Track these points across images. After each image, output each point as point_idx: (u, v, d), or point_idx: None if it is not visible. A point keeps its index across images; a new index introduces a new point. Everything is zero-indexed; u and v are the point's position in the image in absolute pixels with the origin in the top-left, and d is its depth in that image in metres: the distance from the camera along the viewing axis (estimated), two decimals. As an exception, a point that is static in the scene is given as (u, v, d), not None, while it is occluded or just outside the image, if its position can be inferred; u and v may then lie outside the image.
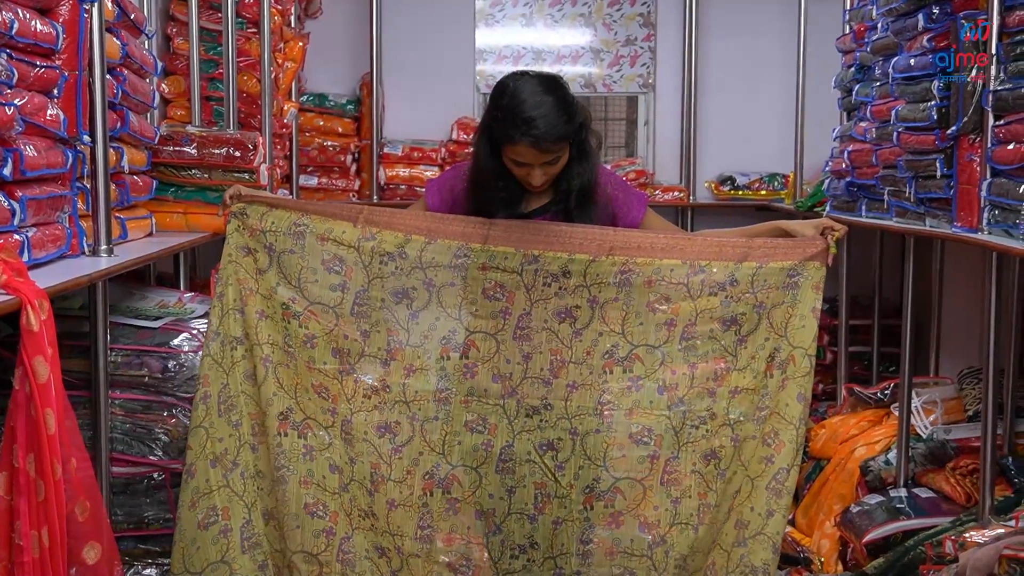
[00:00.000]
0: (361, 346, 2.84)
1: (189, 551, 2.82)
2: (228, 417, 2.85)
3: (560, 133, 2.72)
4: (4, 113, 2.38)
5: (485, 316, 2.83)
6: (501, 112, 2.74)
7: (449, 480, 2.83)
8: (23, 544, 2.14)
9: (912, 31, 4.03)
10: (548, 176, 2.82)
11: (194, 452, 2.83)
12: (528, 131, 2.68)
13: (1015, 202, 3.26)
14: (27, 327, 2.14)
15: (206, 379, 2.85)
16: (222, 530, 2.83)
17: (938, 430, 4.26)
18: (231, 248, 2.85)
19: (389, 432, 2.84)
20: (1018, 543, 3.00)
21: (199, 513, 2.82)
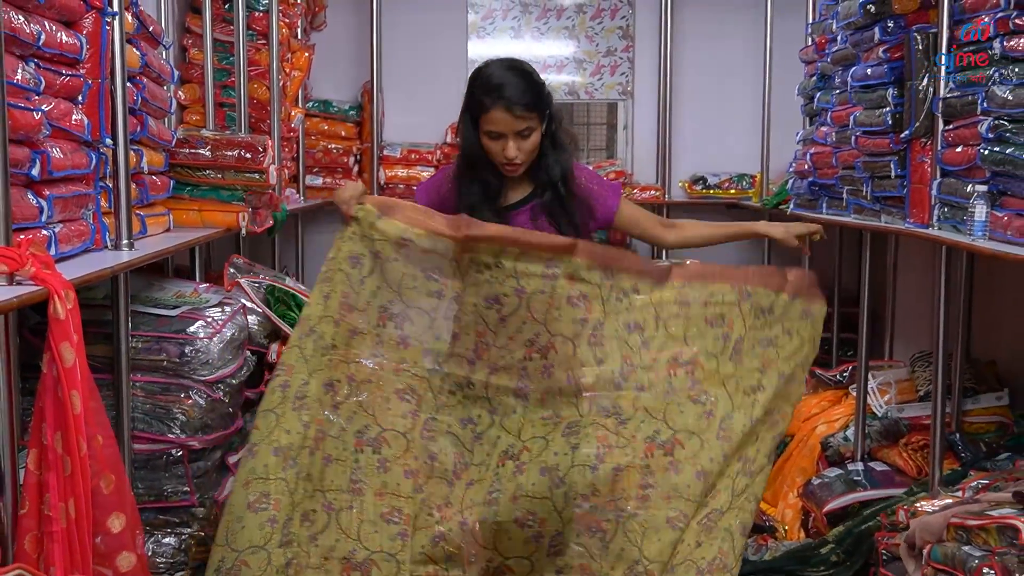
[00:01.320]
0: (451, 348, 2.74)
1: (234, 528, 2.68)
2: (300, 415, 2.70)
3: (528, 100, 2.83)
4: (32, 118, 2.37)
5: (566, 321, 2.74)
6: (475, 88, 2.88)
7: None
8: (52, 515, 2.14)
9: (869, 43, 4.04)
10: (522, 152, 2.86)
11: (260, 433, 2.70)
12: (499, 96, 2.81)
13: (963, 200, 3.27)
14: (54, 315, 2.13)
15: (290, 369, 2.71)
16: (270, 519, 2.68)
17: (892, 409, 4.27)
18: (342, 256, 2.71)
19: (471, 423, 2.74)
20: (965, 512, 3.01)
21: (251, 494, 2.68)
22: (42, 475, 2.16)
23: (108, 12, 2.82)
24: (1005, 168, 3.00)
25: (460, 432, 2.74)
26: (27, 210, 2.39)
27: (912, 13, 3.76)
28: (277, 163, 4.51)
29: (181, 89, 4.43)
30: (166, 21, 4.16)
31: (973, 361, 4.28)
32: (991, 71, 3.16)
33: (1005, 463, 3.73)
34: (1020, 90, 2.95)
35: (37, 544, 2.15)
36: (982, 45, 3.26)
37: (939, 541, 2.97)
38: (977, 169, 3.19)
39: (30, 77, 2.40)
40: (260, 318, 3.84)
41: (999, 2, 3.13)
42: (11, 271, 2.14)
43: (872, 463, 4.21)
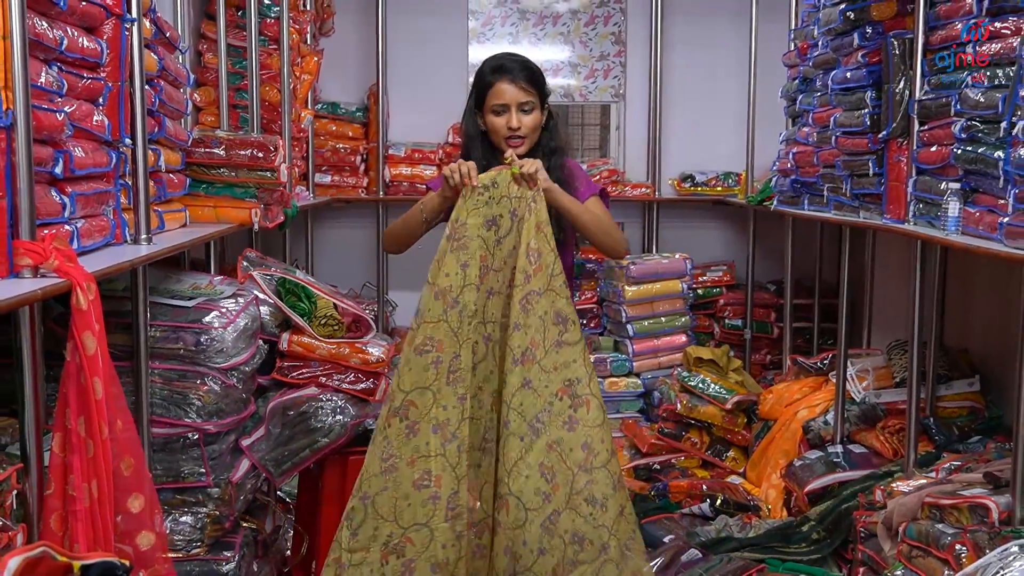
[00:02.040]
0: (463, 278, 2.80)
1: (401, 505, 2.73)
2: (455, 388, 2.73)
3: (529, 76, 2.97)
4: (55, 119, 2.37)
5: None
6: (480, 73, 3.02)
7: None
8: (76, 495, 2.14)
9: (848, 48, 4.04)
10: (524, 126, 2.95)
11: (419, 411, 2.72)
12: (503, 70, 2.97)
13: (937, 197, 3.27)
14: (77, 306, 2.13)
15: (440, 344, 2.73)
16: (432, 496, 2.73)
17: (870, 395, 4.28)
18: (478, 222, 2.75)
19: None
20: (938, 491, 3.02)
21: (416, 472, 2.73)
22: (66, 457, 2.16)
23: (127, 18, 2.81)
24: (977, 167, 3.00)
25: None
26: (51, 206, 2.38)
27: (889, 19, 3.77)
28: (288, 162, 4.51)
29: (197, 92, 4.42)
30: (182, 27, 4.15)
31: (946, 349, 4.28)
32: (964, 74, 3.16)
33: (976, 445, 3.74)
34: (991, 93, 2.95)
35: (62, 522, 2.15)
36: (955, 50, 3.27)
37: (914, 519, 2.98)
38: (951, 167, 3.20)
39: (53, 80, 2.40)
40: (271, 308, 3.84)
41: (972, 9, 3.13)
42: (36, 264, 2.14)
43: (851, 445, 4.22)
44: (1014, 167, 2.65)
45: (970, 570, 2.42)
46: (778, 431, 4.64)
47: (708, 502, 4.36)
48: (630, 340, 5.72)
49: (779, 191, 5.14)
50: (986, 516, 2.74)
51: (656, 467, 4.94)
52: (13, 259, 2.13)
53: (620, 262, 5.67)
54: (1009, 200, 2.72)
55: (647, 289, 5.75)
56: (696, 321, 6.12)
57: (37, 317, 2.17)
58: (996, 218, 2.81)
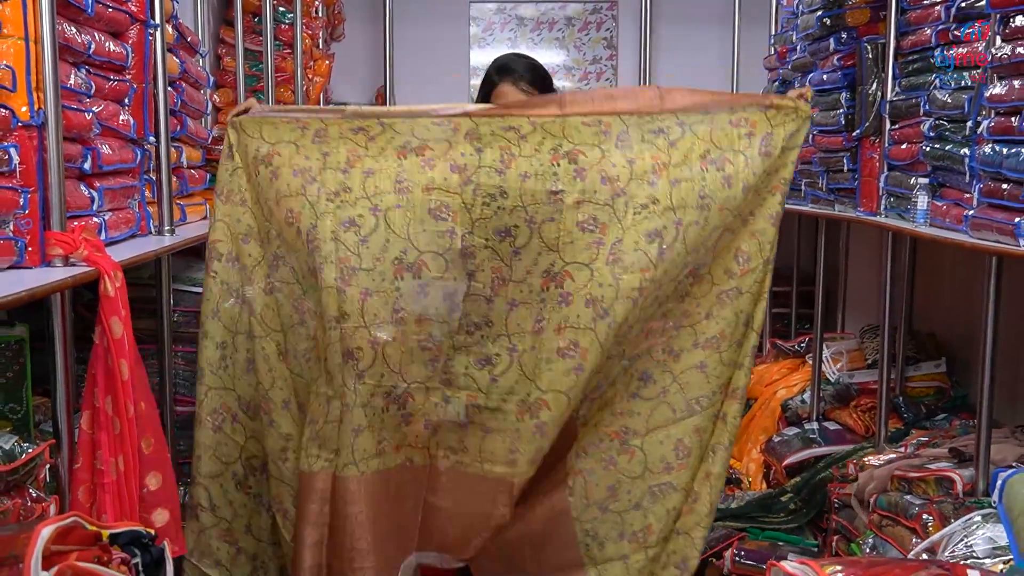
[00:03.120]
0: (315, 280, 2.49)
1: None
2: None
3: (532, 77, 2.90)
4: (84, 118, 2.37)
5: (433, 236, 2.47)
6: (488, 73, 2.96)
7: (404, 398, 2.54)
8: (103, 469, 2.15)
9: (825, 52, 4.03)
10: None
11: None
12: (507, 72, 2.90)
13: (907, 191, 3.27)
14: (105, 293, 2.14)
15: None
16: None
17: (843, 375, 4.28)
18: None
19: (352, 359, 2.48)
20: (907, 465, 3.02)
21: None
22: (94, 434, 2.16)
23: (151, 24, 2.81)
24: (944, 163, 3.00)
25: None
26: (80, 200, 2.38)
27: (863, 26, 3.76)
28: (301, 158, 4.50)
29: (216, 93, 4.41)
30: (202, 32, 4.15)
31: (915, 333, 4.28)
32: (932, 77, 3.16)
33: (942, 423, 3.74)
34: (958, 94, 2.95)
35: (90, 494, 2.16)
36: (924, 54, 3.26)
37: (884, 491, 2.98)
38: (920, 164, 3.19)
39: (82, 82, 2.39)
40: (287, 295, 3.85)
41: (940, 15, 3.13)
42: (66, 254, 2.14)
43: (826, 423, 4.22)
44: (979, 163, 2.65)
45: (936, 538, 2.43)
46: (758, 409, 4.65)
47: (693, 475, 4.37)
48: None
49: (760, 186, 5.13)
50: (951, 488, 2.74)
51: (645, 443, 4.94)
52: (45, 249, 2.13)
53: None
54: (974, 194, 2.71)
55: (636, 277, 5.74)
56: (682, 307, 6.11)
57: (68, 303, 2.17)
58: (962, 211, 2.81)
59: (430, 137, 2.49)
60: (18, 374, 2.26)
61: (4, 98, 2.03)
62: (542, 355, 2.48)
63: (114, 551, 1.74)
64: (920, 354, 4.17)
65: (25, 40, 2.08)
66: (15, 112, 2.04)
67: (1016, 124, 2.42)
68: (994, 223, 2.53)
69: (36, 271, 2.09)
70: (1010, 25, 2.49)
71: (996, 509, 2.34)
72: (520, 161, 2.45)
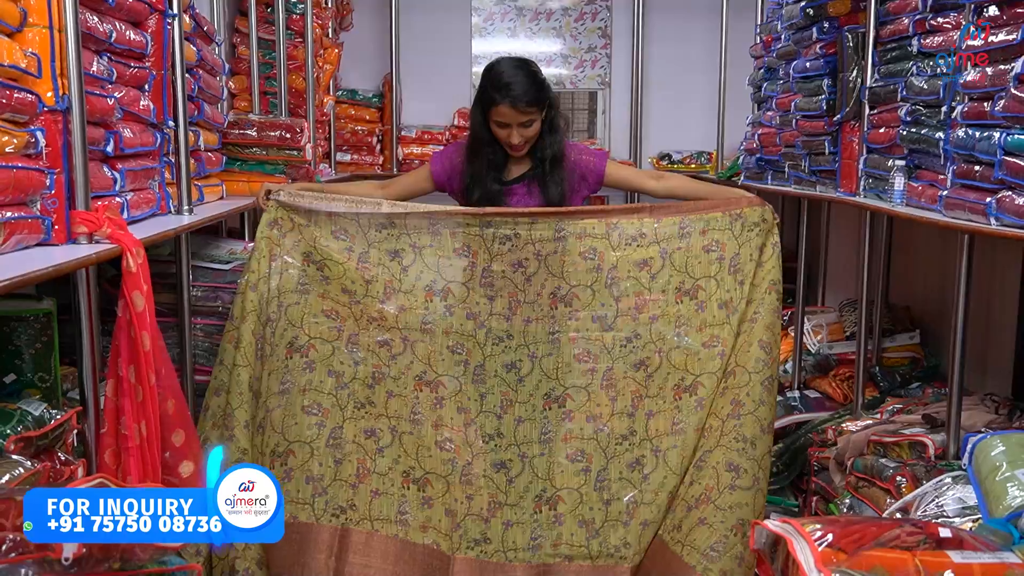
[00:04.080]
0: (365, 289, 2.75)
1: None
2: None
3: (531, 97, 2.77)
4: (106, 103, 2.36)
5: (457, 269, 2.75)
6: (487, 84, 2.82)
7: (436, 383, 2.75)
8: (127, 434, 2.15)
9: (808, 41, 4.01)
10: (524, 138, 2.81)
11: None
12: (507, 93, 2.75)
13: (884, 173, 3.26)
14: (127, 268, 2.13)
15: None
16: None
17: (823, 346, 4.29)
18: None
19: (387, 346, 2.76)
20: (882, 430, 3.03)
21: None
22: (118, 401, 2.17)
23: (169, 14, 2.79)
24: (920, 146, 2.99)
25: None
26: (103, 181, 2.38)
27: (844, 15, 3.74)
28: (312, 142, 4.49)
29: (231, 80, 4.39)
30: (218, 22, 4.12)
31: (891, 306, 4.29)
32: (910, 64, 3.14)
33: (916, 391, 3.75)
34: (933, 80, 2.93)
35: (115, 458, 2.16)
36: (902, 42, 3.25)
37: (861, 455, 2.99)
38: (897, 147, 3.19)
39: (104, 69, 2.38)
40: (299, 271, 3.85)
41: (917, 6, 3.11)
42: (91, 232, 2.14)
43: (807, 391, 4.23)
44: (952, 146, 2.64)
45: (909, 498, 2.44)
46: (743, 378, 4.65)
47: (681, 440, 4.38)
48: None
49: (746, 168, 5.12)
50: (924, 452, 2.75)
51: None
52: (71, 227, 2.13)
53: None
54: (948, 176, 2.71)
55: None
56: (672, 282, 6.12)
57: (93, 278, 2.17)
58: (936, 191, 2.80)
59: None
60: (46, 345, 2.26)
61: (30, 84, 2.02)
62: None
63: (138, 510, 1.74)
64: (896, 326, 4.18)
65: (50, 29, 2.07)
66: (41, 97, 2.03)
67: (988, 109, 2.41)
68: (966, 203, 2.53)
69: (62, 248, 2.09)
70: (984, 14, 2.48)
71: (966, 472, 2.35)
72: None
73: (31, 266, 1.83)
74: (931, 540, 1.80)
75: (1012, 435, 2.33)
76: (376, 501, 2.74)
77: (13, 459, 1.94)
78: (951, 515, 2.25)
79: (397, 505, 2.74)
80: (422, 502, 2.74)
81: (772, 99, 4.58)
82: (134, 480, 2.12)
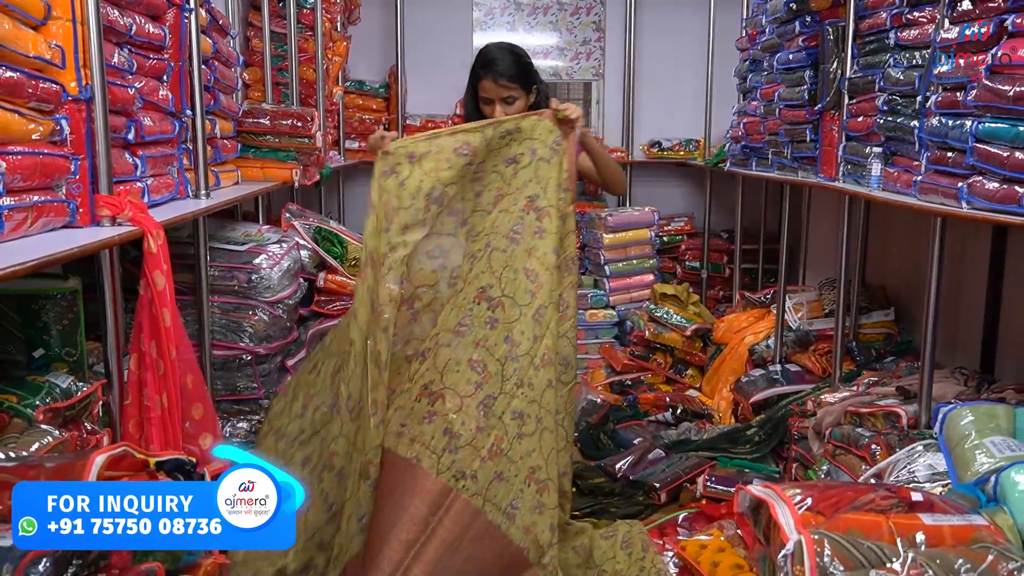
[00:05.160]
0: (475, 203, 2.68)
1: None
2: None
3: (512, 73, 2.80)
4: (127, 93, 2.35)
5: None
6: (475, 61, 2.86)
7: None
8: (150, 405, 2.16)
9: (791, 34, 3.99)
10: (507, 115, 2.78)
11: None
12: (489, 68, 2.80)
13: (862, 159, 3.25)
14: (148, 249, 2.13)
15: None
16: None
17: (804, 323, 4.30)
18: (497, 160, 2.64)
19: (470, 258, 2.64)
20: (858, 402, 3.04)
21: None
22: (141, 374, 2.17)
23: (186, 8, 2.78)
24: (896, 134, 2.98)
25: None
26: (125, 167, 2.37)
27: (826, 10, 3.72)
28: (322, 130, 4.47)
29: (246, 71, 4.37)
30: (233, 16, 4.10)
31: (867, 286, 4.29)
32: (887, 56, 3.13)
33: (890, 365, 3.76)
34: (909, 71, 2.92)
35: (138, 427, 2.17)
36: (880, 36, 3.23)
37: (838, 424, 3.00)
38: (874, 135, 3.18)
39: (124, 60, 2.37)
40: (310, 252, 3.84)
41: (894, 0, 3.09)
42: (113, 215, 2.14)
43: (788, 365, 4.25)
44: (927, 134, 2.63)
45: (883, 465, 2.45)
46: (728, 353, 4.67)
47: (670, 411, 4.40)
48: (607, 279, 5.72)
49: (731, 155, 5.11)
50: (897, 422, 2.76)
51: (628, 383, 4.97)
52: (95, 210, 2.13)
53: (599, 213, 5.71)
54: (922, 162, 2.70)
55: (622, 236, 5.74)
56: (662, 263, 6.11)
57: (116, 259, 2.17)
58: (911, 177, 2.80)
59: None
60: (73, 321, 2.26)
61: (55, 74, 2.01)
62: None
63: (160, 476, 1.75)
64: (872, 304, 4.18)
65: (73, 22, 2.06)
66: (65, 87, 2.02)
67: (961, 99, 2.40)
68: (939, 187, 2.52)
69: (86, 230, 2.08)
70: (957, 8, 2.47)
71: (936, 440, 2.36)
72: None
73: (57, 247, 1.83)
74: (904, 504, 1.81)
75: (980, 406, 2.33)
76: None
77: (42, 428, 1.95)
78: (922, 480, 2.25)
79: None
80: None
81: (757, 89, 4.56)
82: (156, 448, 2.13)
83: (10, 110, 1.83)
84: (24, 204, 1.88)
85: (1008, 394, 2.87)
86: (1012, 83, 2.17)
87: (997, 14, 2.32)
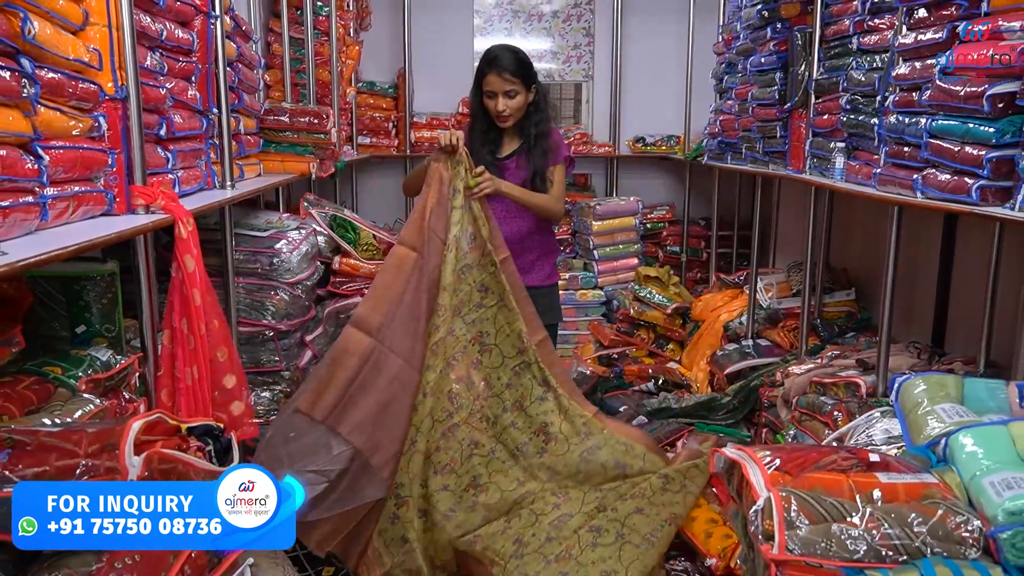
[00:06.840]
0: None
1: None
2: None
3: (514, 68, 2.80)
4: (159, 93, 2.34)
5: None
6: (481, 60, 2.86)
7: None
8: (180, 376, 2.16)
9: (763, 39, 3.97)
10: (509, 108, 2.80)
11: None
12: (494, 64, 2.79)
13: (827, 153, 3.25)
14: (179, 235, 2.13)
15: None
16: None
17: (774, 302, 4.30)
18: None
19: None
20: (822, 373, 3.05)
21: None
22: (173, 348, 2.18)
23: (212, 15, 2.76)
24: (858, 130, 2.97)
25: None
26: (157, 160, 2.36)
27: (795, 17, 3.71)
28: (337, 127, 4.46)
29: (267, 73, 4.35)
30: (255, 22, 4.07)
31: (831, 268, 4.29)
32: (850, 59, 3.12)
33: (851, 340, 3.77)
34: (870, 73, 2.91)
35: (170, 396, 2.18)
36: (844, 41, 3.22)
37: (804, 393, 3.02)
38: (838, 131, 3.17)
39: (156, 63, 2.36)
40: (326, 238, 3.84)
41: (857, 8, 3.08)
42: (147, 204, 2.13)
43: (759, 340, 4.25)
44: (885, 131, 2.63)
45: (844, 430, 2.46)
46: (705, 329, 4.67)
47: (653, 382, 4.41)
48: (596, 262, 5.72)
49: (709, 149, 5.10)
50: (857, 391, 2.77)
51: (615, 356, 4.98)
52: (130, 200, 2.12)
53: (588, 203, 5.73)
54: (881, 156, 2.70)
55: (609, 224, 5.74)
56: (645, 248, 6.11)
57: (150, 244, 2.17)
58: (871, 169, 2.80)
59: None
60: (111, 301, 2.26)
61: (93, 75, 2.00)
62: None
63: (191, 440, 1.76)
64: (835, 285, 4.18)
65: (108, 28, 2.05)
66: (102, 87, 2.02)
67: (916, 98, 2.39)
68: (897, 179, 2.53)
69: (123, 218, 2.08)
70: (914, 16, 2.46)
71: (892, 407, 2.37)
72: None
73: (97, 233, 1.83)
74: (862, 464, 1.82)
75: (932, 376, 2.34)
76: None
77: (85, 397, 1.96)
78: (879, 443, 2.27)
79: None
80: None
81: (732, 90, 4.55)
82: (184, 415, 2.14)
83: (53, 108, 1.82)
84: (66, 194, 1.88)
85: (956, 366, 2.88)
86: (963, 84, 2.16)
87: (950, 21, 2.32)
